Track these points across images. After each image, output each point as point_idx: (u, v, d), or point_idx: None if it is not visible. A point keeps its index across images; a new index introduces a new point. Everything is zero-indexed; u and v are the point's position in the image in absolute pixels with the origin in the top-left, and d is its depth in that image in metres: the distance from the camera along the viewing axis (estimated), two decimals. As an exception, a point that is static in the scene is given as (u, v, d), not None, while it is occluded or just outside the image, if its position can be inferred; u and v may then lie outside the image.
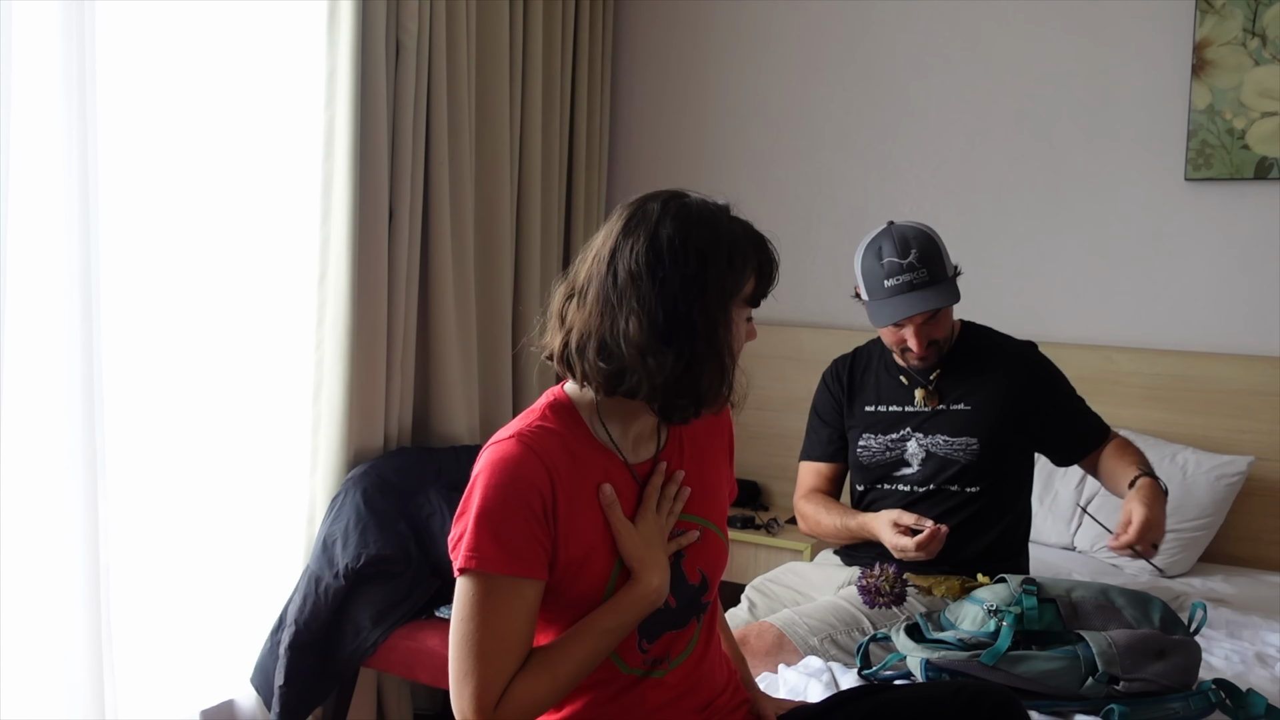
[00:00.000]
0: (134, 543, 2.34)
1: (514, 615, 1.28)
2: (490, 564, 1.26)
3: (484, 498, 1.28)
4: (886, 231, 2.21)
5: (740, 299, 1.38)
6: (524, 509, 1.28)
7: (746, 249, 1.39)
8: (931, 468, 2.26)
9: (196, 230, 2.44)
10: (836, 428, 2.41)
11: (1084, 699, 1.70)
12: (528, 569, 1.28)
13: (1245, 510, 2.80)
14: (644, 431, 1.43)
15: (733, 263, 1.35)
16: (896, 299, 2.16)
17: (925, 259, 2.15)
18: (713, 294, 1.33)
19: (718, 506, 1.50)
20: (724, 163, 3.56)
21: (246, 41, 2.49)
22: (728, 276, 1.35)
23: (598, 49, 3.55)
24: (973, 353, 2.30)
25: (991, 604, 1.81)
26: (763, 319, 1.55)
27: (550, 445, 1.33)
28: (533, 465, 1.30)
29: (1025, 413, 2.23)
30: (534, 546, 1.28)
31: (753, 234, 1.41)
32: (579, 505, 1.33)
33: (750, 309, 1.41)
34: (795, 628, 2.07)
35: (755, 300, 1.41)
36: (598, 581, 1.34)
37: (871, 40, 3.34)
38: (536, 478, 1.29)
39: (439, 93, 2.84)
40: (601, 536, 1.35)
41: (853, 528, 2.24)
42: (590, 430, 1.39)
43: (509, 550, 1.27)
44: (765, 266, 1.40)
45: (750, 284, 1.39)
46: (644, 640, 1.39)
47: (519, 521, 1.28)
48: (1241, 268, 2.89)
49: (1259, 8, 2.81)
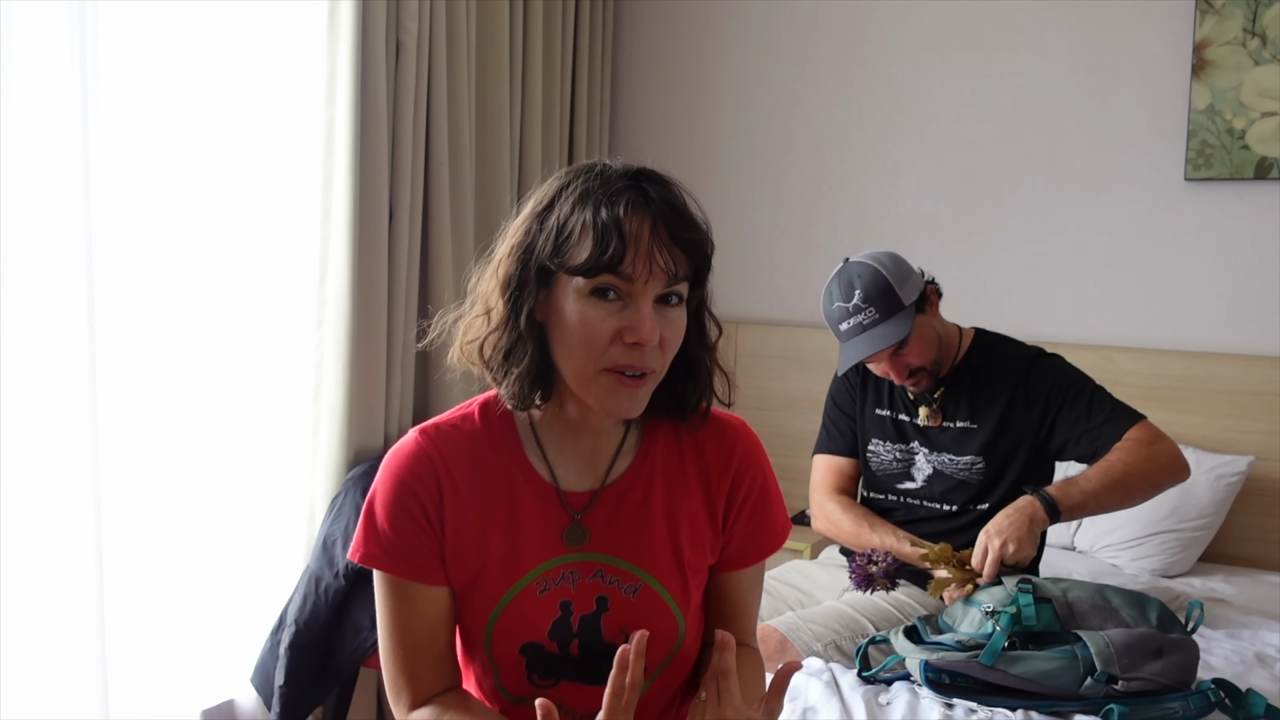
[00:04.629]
0: (134, 542, 2.34)
1: (407, 616, 1.20)
2: (373, 560, 1.20)
3: (374, 490, 1.21)
4: (838, 274, 2.18)
5: (569, 270, 1.11)
6: (402, 511, 1.19)
7: (590, 210, 1.11)
8: (939, 486, 2.24)
9: (196, 231, 2.44)
10: (854, 418, 2.38)
11: (1083, 699, 1.70)
12: (408, 572, 1.19)
13: (1245, 510, 2.80)
14: (599, 450, 1.24)
15: (561, 225, 1.12)
16: (850, 344, 2.15)
17: (870, 298, 2.10)
18: (531, 259, 1.13)
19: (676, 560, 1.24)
20: (724, 163, 3.56)
21: (246, 42, 2.49)
22: (545, 239, 1.12)
23: (598, 49, 3.55)
24: (980, 367, 2.23)
25: (989, 606, 1.81)
26: (763, 319, 1.54)
27: (455, 450, 1.20)
28: (422, 468, 1.19)
29: (1032, 428, 2.15)
30: (418, 550, 1.19)
31: (617, 189, 1.12)
32: (470, 522, 1.20)
33: (591, 285, 1.11)
34: (799, 632, 2.06)
35: (589, 271, 1.10)
36: (482, 610, 1.21)
37: (871, 40, 3.34)
38: (420, 482, 1.19)
39: (439, 93, 2.84)
40: (490, 563, 1.20)
41: (907, 553, 2.12)
42: (521, 441, 1.23)
43: (389, 550, 1.19)
44: (606, 231, 1.09)
45: (585, 251, 1.10)
46: (533, 675, 1.24)
47: (398, 523, 1.19)
48: (1241, 268, 2.89)
49: (1259, 8, 2.81)
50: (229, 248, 2.51)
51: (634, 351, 1.12)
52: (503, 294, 1.15)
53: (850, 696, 1.77)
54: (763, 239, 3.48)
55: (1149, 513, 2.63)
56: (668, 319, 1.14)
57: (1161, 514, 2.66)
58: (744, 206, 3.52)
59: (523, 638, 1.22)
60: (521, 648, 1.23)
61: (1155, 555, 2.69)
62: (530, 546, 1.21)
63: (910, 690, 1.78)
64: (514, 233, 1.17)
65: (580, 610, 1.23)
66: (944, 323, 2.26)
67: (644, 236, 1.10)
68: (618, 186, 1.13)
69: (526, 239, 1.15)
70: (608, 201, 1.11)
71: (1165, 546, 2.69)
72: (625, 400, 1.14)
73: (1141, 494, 2.03)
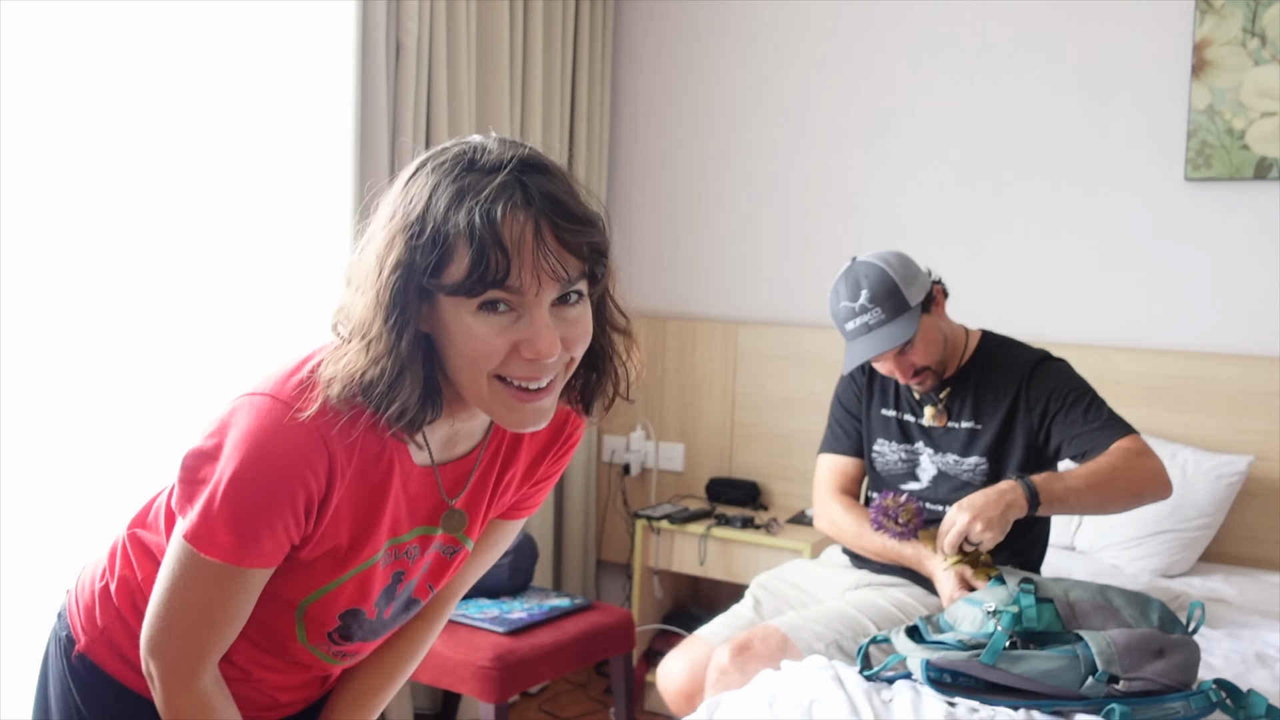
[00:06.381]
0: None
1: (228, 602, 1.10)
2: (219, 553, 1.06)
3: (239, 475, 1.04)
4: (845, 273, 2.19)
5: (449, 291, 1.01)
6: (284, 504, 1.06)
7: (465, 216, 0.99)
8: (944, 488, 2.24)
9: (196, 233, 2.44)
10: (860, 418, 2.38)
11: (1084, 698, 1.70)
12: (260, 562, 1.09)
13: (1245, 510, 2.80)
14: (471, 432, 1.19)
15: (436, 237, 1.00)
16: (856, 343, 2.16)
17: (877, 298, 2.12)
18: (400, 273, 1.01)
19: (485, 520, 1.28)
20: (724, 163, 3.56)
21: (246, 42, 2.49)
22: (421, 255, 1.00)
23: (598, 49, 3.55)
24: (985, 369, 2.24)
25: (991, 605, 1.81)
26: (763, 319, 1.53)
27: (344, 431, 1.06)
28: (314, 458, 1.05)
29: (1032, 430, 2.17)
30: (280, 540, 1.08)
31: (492, 188, 1.00)
32: (343, 508, 1.11)
33: (477, 302, 1.01)
34: (801, 633, 2.06)
35: (470, 290, 1.00)
36: (319, 579, 1.16)
37: (871, 40, 3.34)
38: (311, 474, 1.06)
39: (439, 93, 2.84)
40: (349, 542, 1.14)
41: (907, 555, 2.15)
42: None
43: (247, 545, 1.06)
44: (484, 243, 0.98)
45: (463, 268, 0.99)
46: (335, 635, 1.22)
47: (272, 515, 1.06)
48: (1241, 268, 2.90)
49: (1259, 8, 2.81)
50: (229, 249, 2.51)
51: (533, 365, 1.04)
52: (384, 321, 1.02)
53: (854, 691, 1.78)
54: (763, 239, 3.48)
55: (1149, 513, 2.63)
56: (568, 319, 1.05)
57: (1161, 514, 2.67)
58: (744, 206, 3.52)
59: (348, 604, 1.19)
60: (342, 614, 1.20)
61: (1155, 555, 2.69)
62: (391, 525, 1.17)
63: (913, 688, 1.78)
64: (387, 246, 1.03)
65: (408, 579, 1.23)
66: (950, 323, 2.27)
67: (527, 242, 0.99)
68: (492, 183, 1.00)
69: (404, 255, 1.01)
70: (482, 204, 0.99)
71: (1165, 546, 2.69)
72: (530, 415, 1.07)
73: (1122, 500, 2.02)
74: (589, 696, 3.37)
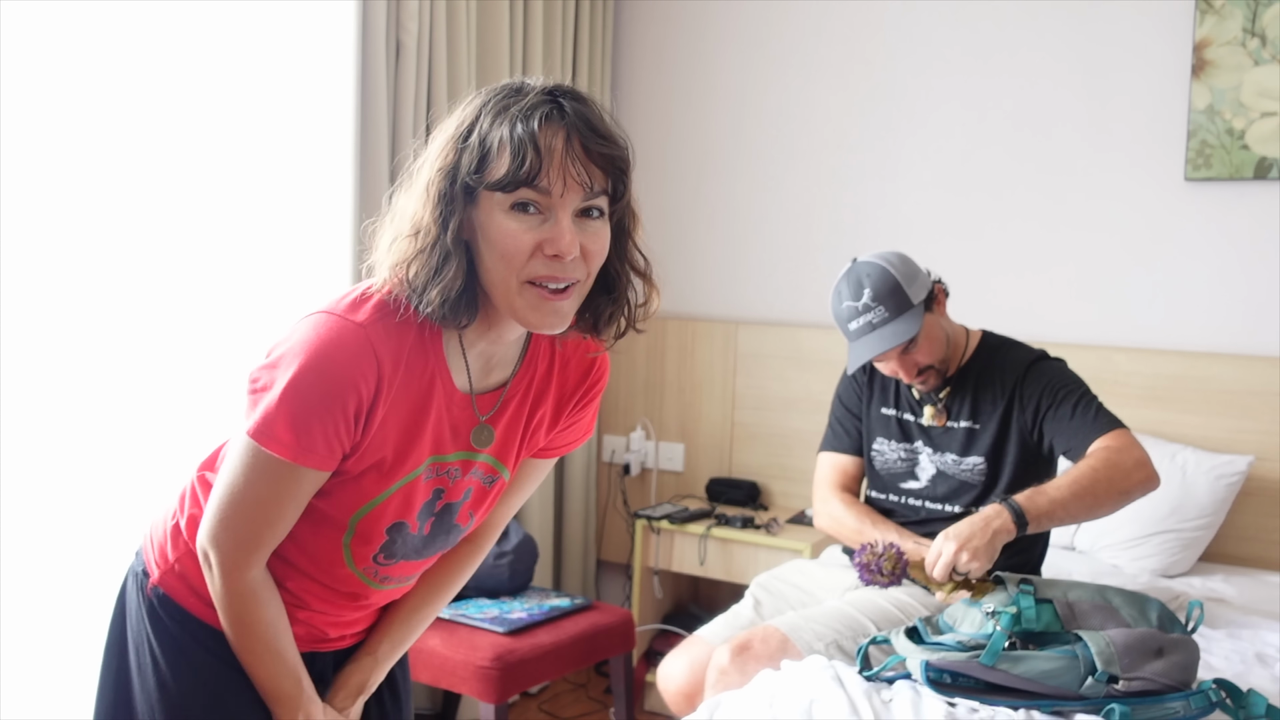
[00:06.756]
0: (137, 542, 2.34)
1: (283, 498, 1.22)
2: (278, 447, 1.18)
3: (298, 378, 1.16)
4: (847, 273, 2.20)
5: (489, 186, 1.15)
6: (336, 407, 1.17)
7: (508, 126, 1.14)
8: (943, 488, 2.25)
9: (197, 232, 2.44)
10: (860, 417, 2.39)
11: (1084, 698, 1.70)
12: (314, 461, 1.20)
13: (1245, 510, 2.80)
14: (506, 357, 1.31)
15: (481, 143, 1.15)
16: (860, 342, 2.17)
17: (880, 296, 2.13)
18: (457, 178, 1.16)
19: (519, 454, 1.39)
20: (724, 163, 3.56)
21: (246, 42, 2.49)
22: (468, 157, 1.16)
23: (598, 49, 3.56)
24: (984, 369, 2.25)
25: (990, 606, 1.81)
26: (763, 319, 1.53)
27: (391, 346, 1.19)
28: (365, 365, 1.17)
29: (1027, 429, 2.18)
30: (331, 443, 1.20)
31: (532, 104, 1.15)
32: (391, 419, 1.22)
33: (510, 200, 1.15)
34: (800, 633, 2.06)
35: (506, 186, 1.14)
36: (369, 492, 1.27)
37: (871, 40, 3.34)
38: (362, 379, 1.17)
39: (439, 93, 2.84)
40: (395, 454, 1.24)
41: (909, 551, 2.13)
42: (443, 342, 1.25)
43: (304, 442, 1.18)
44: (522, 145, 1.13)
45: (503, 167, 1.14)
46: (379, 556, 1.33)
47: (325, 416, 1.17)
48: (1241, 268, 2.90)
49: (1259, 8, 2.81)
50: (228, 249, 2.51)
51: (555, 264, 1.16)
52: (432, 212, 1.17)
53: (854, 692, 1.78)
54: (763, 239, 3.48)
55: (1149, 513, 2.63)
56: (589, 231, 1.18)
57: (1161, 514, 2.67)
58: (744, 206, 3.52)
59: (394, 518, 1.30)
60: (389, 527, 1.30)
61: (1155, 555, 2.69)
62: (433, 442, 1.27)
63: (913, 688, 1.78)
64: (440, 153, 1.18)
65: (449, 499, 1.33)
66: (951, 322, 2.28)
67: (558, 149, 1.13)
68: (534, 102, 1.15)
69: (453, 158, 1.17)
70: (523, 116, 1.14)
71: (1165, 546, 2.69)
72: (550, 314, 1.18)
73: (1110, 502, 2.00)
74: (589, 696, 3.38)
